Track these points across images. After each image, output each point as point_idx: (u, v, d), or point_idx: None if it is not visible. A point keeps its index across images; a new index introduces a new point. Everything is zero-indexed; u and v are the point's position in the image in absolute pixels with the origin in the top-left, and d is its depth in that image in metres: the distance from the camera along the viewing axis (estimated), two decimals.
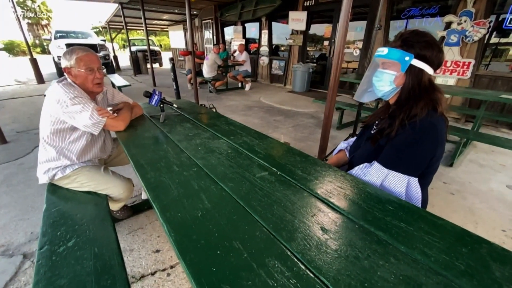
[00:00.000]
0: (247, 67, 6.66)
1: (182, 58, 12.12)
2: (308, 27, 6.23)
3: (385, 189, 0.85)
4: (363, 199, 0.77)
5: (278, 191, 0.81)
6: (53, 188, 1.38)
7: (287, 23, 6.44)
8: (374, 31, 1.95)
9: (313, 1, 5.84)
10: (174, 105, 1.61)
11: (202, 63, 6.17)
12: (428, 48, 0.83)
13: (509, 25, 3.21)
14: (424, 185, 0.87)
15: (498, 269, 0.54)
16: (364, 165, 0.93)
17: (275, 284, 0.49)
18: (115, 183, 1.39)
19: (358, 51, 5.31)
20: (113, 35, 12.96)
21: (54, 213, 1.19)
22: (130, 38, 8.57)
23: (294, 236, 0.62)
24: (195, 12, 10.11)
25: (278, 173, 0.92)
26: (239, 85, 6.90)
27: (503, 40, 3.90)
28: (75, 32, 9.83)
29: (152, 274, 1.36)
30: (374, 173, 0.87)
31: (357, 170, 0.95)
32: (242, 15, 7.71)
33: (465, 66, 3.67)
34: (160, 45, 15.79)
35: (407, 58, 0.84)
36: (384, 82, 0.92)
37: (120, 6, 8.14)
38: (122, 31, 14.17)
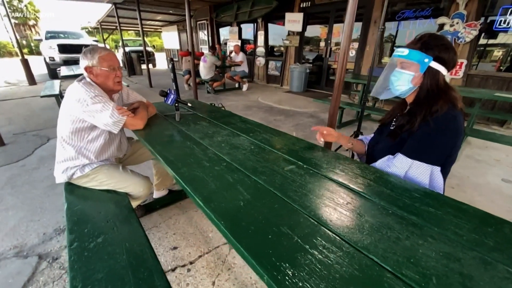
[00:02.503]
0: (244, 67, 6.70)
1: (177, 59, 12.08)
2: (304, 28, 6.32)
3: (409, 179, 0.91)
4: (390, 188, 0.82)
5: (310, 183, 0.85)
6: (70, 187, 1.38)
7: (283, 24, 6.53)
8: (378, 31, 2.02)
9: (309, 2, 5.95)
10: (189, 103, 1.64)
11: (199, 64, 6.18)
12: (445, 51, 0.90)
13: (499, 26, 3.37)
14: (445, 174, 0.93)
15: None
16: (387, 157, 0.99)
17: (330, 262, 0.54)
18: (134, 181, 1.40)
19: (353, 52, 5.43)
20: (105, 36, 12.76)
21: (77, 212, 1.19)
22: (121, 38, 8.45)
23: (335, 221, 0.66)
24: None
25: (305, 166, 0.97)
26: (237, 85, 6.93)
27: (492, 42, 4.07)
28: (67, 32, 9.64)
29: (173, 270, 1.38)
30: (399, 164, 0.93)
31: (380, 163, 1.00)
32: (238, 16, 7.75)
33: (458, 66, 3.83)
34: (154, 46, 15.64)
35: (426, 60, 0.90)
36: (402, 82, 0.98)
37: (114, 6, 8.04)
38: (115, 31, 13.97)
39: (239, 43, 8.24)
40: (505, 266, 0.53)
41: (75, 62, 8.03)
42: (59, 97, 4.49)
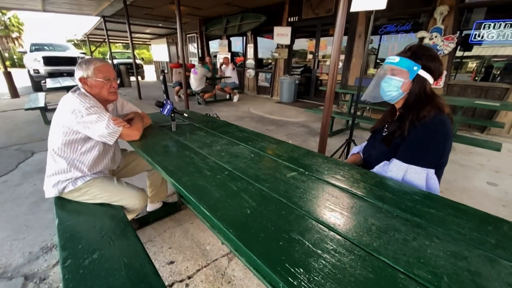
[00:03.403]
0: (235, 79, 6.80)
1: (167, 71, 12.08)
2: (292, 41, 6.53)
3: (406, 183, 0.93)
4: (391, 192, 0.84)
5: (313, 189, 0.86)
6: (61, 202, 1.32)
7: (272, 37, 6.72)
8: (367, 44, 2.13)
9: (296, 17, 6.18)
10: (185, 114, 1.63)
11: (189, 75, 6.20)
12: (433, 60, 0.96)
13: (474, 40, 3.62)
14: (439, 177, 0.97)
15: None
16: (383, 163, 1.02)
17: (344, 266, 0.54)
18: (130, 193, 1.36)
19: (340, 64, 5.64)
20: (92, 48, 12.64)
21: (69, 227, 1.14)
22: (110, 51, 8.38)
23: (344, 225, 0.67)
24: None
25: (307, 173, 0.98)
26: (227, 96, 6.99)
27: (468, 54, 4.35)
28: (52, 44, 9.47)
29: (170, 286, 1.33)
30: (395, 169, 0.96)
31: (377, 168, 1.03)
32: (228, 30, 7.93)
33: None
34: (142, 58, 15.62)
35: (415, 68, 0.96)
36: (392, 87, 1.03)
37: (102, 19, 8.03)
38: (103, 44, 13.88)
39: (228, 55, 8.38)
40: (509, 263, 0.55)
41: (61, 74, 7.87)
42: (44, 110, 4.36)
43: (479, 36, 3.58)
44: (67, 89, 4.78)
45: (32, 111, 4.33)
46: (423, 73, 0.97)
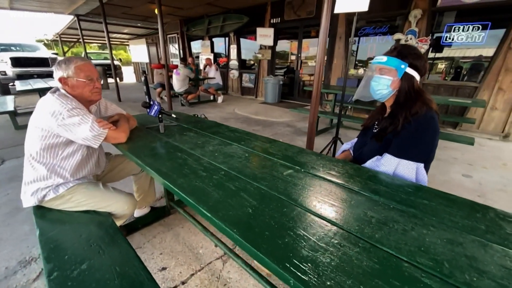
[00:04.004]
0: (218, 80, 6.73)
1: (147, 72, 11.73)
2: (275, 42, 6.60)
3: (398, 177, 0.97)
4: (385, 185, 0.87)
5: (311, 185, 0.87)
6: (41, 211, 1.23)
7: (255, 39, 6.75)
8: (350, 44, 2.20)
9: (279, 18, 6.25)
10: (173, 115, 1.59)
11: (171, 77, 6.06)
12: (418, 59, 1.01)
13: (445, 41, 3.87)
14: (427, 170, 1.02)
15: (507, 225, 0.67)
16: (375, 158, 1.05)
17: (350, 258, 0.55)
18: (118, 199, 1.30)
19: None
20: (65, 49, 11.96)
21: (52, 238, 1.06)
22: (85, 51, 7.97)
23: (345, 219, 0.68)
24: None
25: (303, 170, 0.99)
26: (211, 98, 6.91)
27: (439, 55, 4.63)
28: (21, 45, 8.83)
29: None
30: (387, 163, 0.99)
31: (370, 163, 1.06)
32: (210, 30, 7.84)
33: None
34: (120, 59, 15.04)
35: (402, 66, 1.01)
36: (382, 86, 1.07)
37: (76, 18, 7.63)
38: (76, 44, 13.19)
39: (211, 56, 8.30)
40: (500, 246, 0.59)
41: (31, 76, 7.37)
42: (13, 114, 4.06)
43: (449, 38, 3.83)
44: (39, 91, 4.49)
45: (0, 115, 4.01)
46: (410, 71, 1.01)
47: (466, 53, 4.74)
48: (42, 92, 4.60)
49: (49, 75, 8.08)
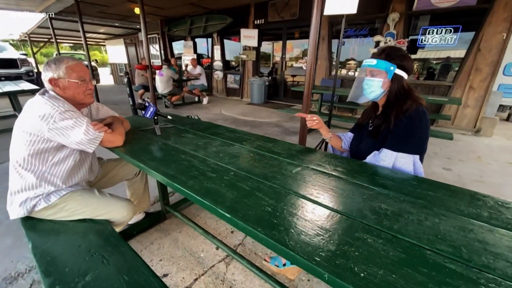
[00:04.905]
0: (203, 81, 6.64)
1: (128, 74, 11.27)
2: (260, 43, 6.63)
3: (397, 170, 1.02)
4: (391, 179, 0.91)
5: (324, 182, 0.89)
6: (31, 222, 1.14)
7: (239, 40, 6.74)
8: (339, 46, 2.27)
9: (262, 20, 6.30)
10: (169, 116, 1.54)
11: (154, 78, 5.88)
12: (405, 59, 1.08)
13: (421, 43, 4.11)
14: (421, 162, 1.08)
15: (506, 211, 0.73)
16: (374, 154, 1.11)
17: (378, 250, 0.57)
18: (116, 205, 1.24)
19: (305, 66, 5.90)
20: (35, 49, 11.19)
21: (48, 250, 1.00)
22: (57, 52, 7.50)
23: (365, 213, 0.71)
24: (138, 26, 9.61)
25: (310, 167, 1.01)
26: (196, 99, 6.79)
27: (414, 57, 4.91)
28: None
29: None
30: (386, 158, 1.04)
31: (369, 159, 1.11)
32: (192, 31, 7.72)
33: None
34: (96, 60, 14.35)
35: (392, 68, 1.07)
36: (374, 88, 1.13)
37: (47, 17, 7.17)
38: (47, 44, 12.39)
39: (195, 56, 8.17)
40: (506, 230, 0.64)
41: None
42: None
43: (425, 40, 4.08)
44: (9, 95, 4.17)
45: None
46: (398, 72, 1.08)
47: (437, 54, 5.08)
48: (11, 95, 4.28)
49: (18, 77, 7.53)
